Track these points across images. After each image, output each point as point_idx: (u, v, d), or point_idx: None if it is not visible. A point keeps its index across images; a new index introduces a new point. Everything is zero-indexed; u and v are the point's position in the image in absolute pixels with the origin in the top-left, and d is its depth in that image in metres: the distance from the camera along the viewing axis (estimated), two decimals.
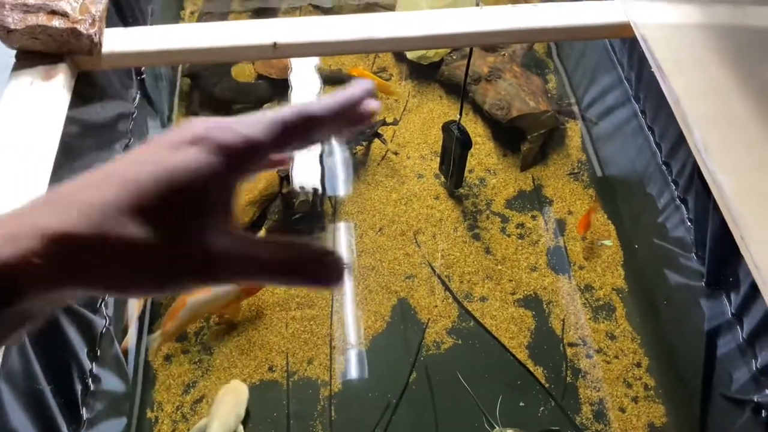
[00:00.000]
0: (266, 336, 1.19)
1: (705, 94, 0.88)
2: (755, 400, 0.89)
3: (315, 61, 1.62)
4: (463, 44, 1.25)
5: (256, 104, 1.48)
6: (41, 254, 0.24)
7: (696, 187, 1.02)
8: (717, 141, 0.83)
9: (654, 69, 0.92)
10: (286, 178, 1.29)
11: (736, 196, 0.78)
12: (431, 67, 1.59)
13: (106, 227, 0.24)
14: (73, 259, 0.24)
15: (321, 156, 1.43)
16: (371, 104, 0.29)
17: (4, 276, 0.23)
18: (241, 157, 0.27)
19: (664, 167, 1.12)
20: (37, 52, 0.87)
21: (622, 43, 1.27)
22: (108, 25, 0.94)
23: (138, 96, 1.25)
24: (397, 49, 1.46)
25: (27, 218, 0.24)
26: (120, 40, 0.93)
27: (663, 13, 0.97)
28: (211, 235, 0.26)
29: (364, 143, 1.46)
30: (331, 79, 1.59)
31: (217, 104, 1.50)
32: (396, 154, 1.47)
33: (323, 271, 0.27)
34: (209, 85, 1.49)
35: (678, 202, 1.08)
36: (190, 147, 0.26)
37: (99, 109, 1.07)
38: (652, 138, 1.17)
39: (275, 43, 0.94)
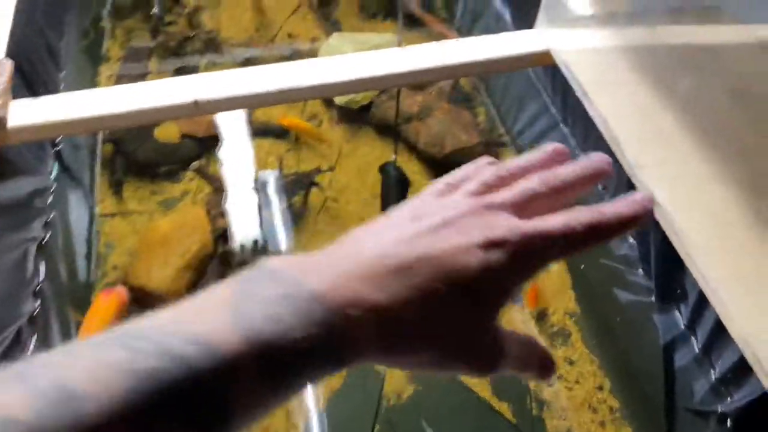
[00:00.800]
0: None
1: (631, 112, 0.89)
2: (719, 410, 0.88)
3: (243, 114, 1.59)
4: (389, 86, 1.25)
5: (182, 164, 1.43)
6: (367, 327, 0.25)
7: None
8: (648, 157, 0.84)
9: (578, 93, 0.93)
10: (222, 237, 1.24)
11: (673, 210, 0.79)
12: (362, 110, 1.58)
13: (418, 309, 0.26)
14: (386, 336, 0.26)
15: (259, 210, 1.38)
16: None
17: (337, 346, 0.24)
18: (534, 259, 0.28)
19: (600, 188, 1.14)
20: None
21: (544, 71, 1.29)
22: (15, 97, 0.89)
23: (55, 169, 1.18)
24: (323, 96, 1.44)
25: (345, 290, 0.25)
26: (29, 112, 0.88)
27: (581, 38, 0.99)
28: (495, 327, 0.28)
29: (302, 193, 1.43)
30: (262, 131, 1.56)
31: (141, 168, 1.44)
32: (336, 201, 1.44)
33: (545, 368, 0.30)
34: (132, 148, 1.43)
35: None
36: (485, 250, 0.27)
37: (12, 187, 1.00)
38: None
39: (196, 101, 0.90)
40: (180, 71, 1.61)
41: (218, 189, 1.35)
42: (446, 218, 0.28)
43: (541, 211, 0.30)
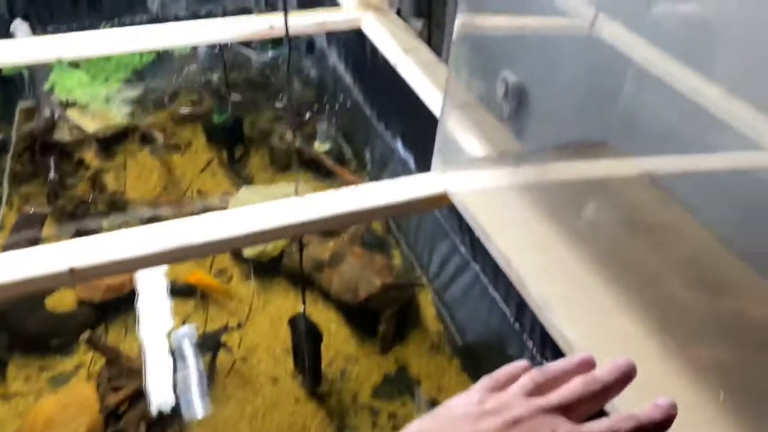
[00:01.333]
0: None
1: (532, 249, 0.88)
2: None
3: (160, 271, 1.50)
4: (290, 235, 1.21)
5: (77, 335, 1.30)
6: None
7: (551, 343, 0.99)
8: (553, 293, 0.81)
9: (478, 233, 0.92)
10: (112, 415, 1.10)
11: (585, 348, 0.75)
12: (274, 261, 1.53)
13: None
14: None
15: (174, 373, 1.27)
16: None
17: None
18: None
19: (516, 326, 1.10)
20: None
21: (449, 210, 1.30)
22: None
23: None
24: (219, 251, 1.39)
25: None
26: None
27: (476, 179, 1.00)
28: None
29: (209, 354, 1.32)
30: (173, 291, 1.47)
31: (31, 342, 1.31)
32: (246, 360, 1.33)
33: None
34: (18, 321, 1.31)
35: (539, 359, 1.05)
36: None
37: None
38: (498, 298, 1.15)
39: (72, 269, 0.83)
40: (78, 235, 1.53)
41: (112, 360, 1.23)
42: (515, 417, 0.34)
43: (582, 413, 0.36)
